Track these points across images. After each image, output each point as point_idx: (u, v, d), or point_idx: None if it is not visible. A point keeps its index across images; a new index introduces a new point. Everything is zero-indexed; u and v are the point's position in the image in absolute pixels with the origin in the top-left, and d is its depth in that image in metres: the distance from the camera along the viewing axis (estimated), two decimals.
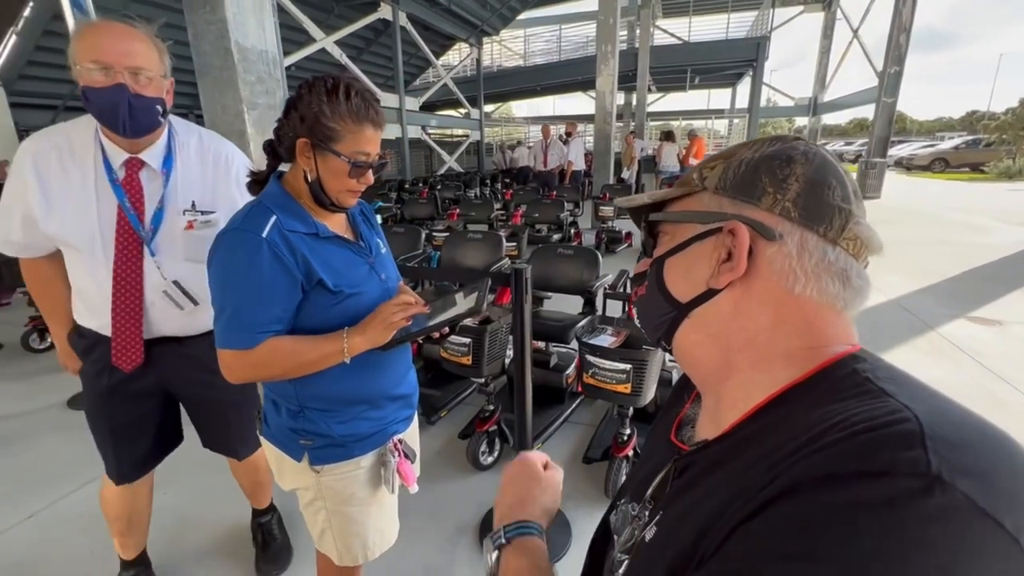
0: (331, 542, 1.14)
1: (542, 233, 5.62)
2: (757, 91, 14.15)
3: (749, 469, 0.37)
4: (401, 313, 1.00)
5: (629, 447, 1.99)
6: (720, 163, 0.47)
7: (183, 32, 2.53)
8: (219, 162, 1.35)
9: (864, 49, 13.55)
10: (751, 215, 0.43)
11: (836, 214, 0.42)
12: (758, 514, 0.33)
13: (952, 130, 44.37)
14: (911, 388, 0.36)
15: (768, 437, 0.39)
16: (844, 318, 0.43)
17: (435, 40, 13.02)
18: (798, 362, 0.42)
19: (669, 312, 0.49)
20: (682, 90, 19.65)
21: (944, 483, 0.27)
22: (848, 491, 0.29)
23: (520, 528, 0.57)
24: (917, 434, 0.30)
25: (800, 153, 0.44)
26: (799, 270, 0.42)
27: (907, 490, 0.28)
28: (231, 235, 0.92)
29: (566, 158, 8.92)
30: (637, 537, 0.48)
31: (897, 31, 10.46)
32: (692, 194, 0.49)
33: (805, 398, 0.40)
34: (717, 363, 0.46)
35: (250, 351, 0.92)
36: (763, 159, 0.44)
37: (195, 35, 2.50)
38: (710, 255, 0.45)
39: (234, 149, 1.41)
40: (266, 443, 1.12)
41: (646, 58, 13.65)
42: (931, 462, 0.28)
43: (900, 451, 0.29)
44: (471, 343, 1.92)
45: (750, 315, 0.44)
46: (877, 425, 0.32)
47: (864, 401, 0.35)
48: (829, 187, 0.42)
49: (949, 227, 7.61)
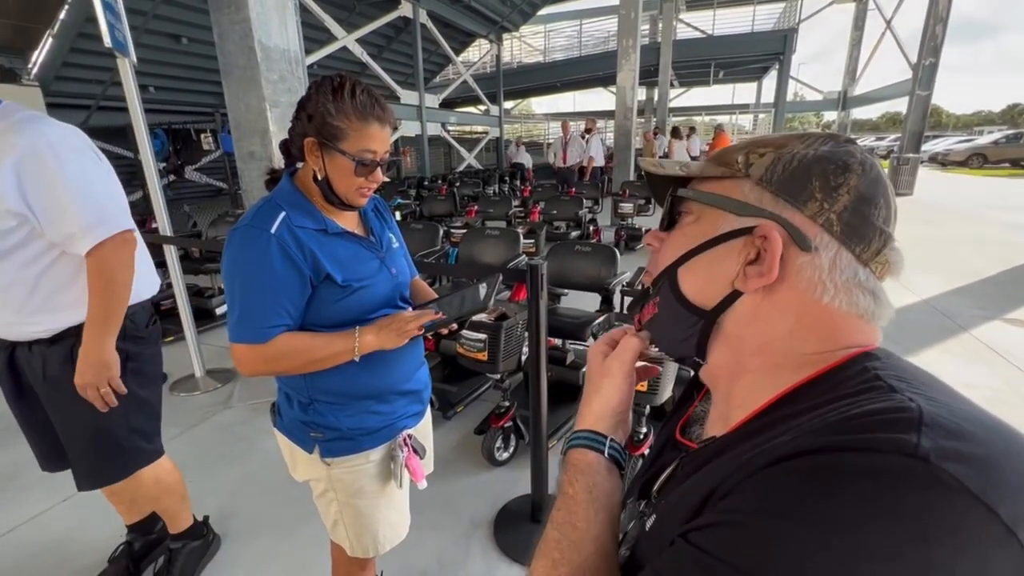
0: (343, 533, 1.16)
1: (560, 230, 5.59)
2: (784, 85, 13.82)
3: (747, 452, 0.37)
4: (415, 324, 1.02)
5: (645, 446, 1.98)
6: (771, 152, 0.43)
7: (209, 32, 2.60)
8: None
9: (897, 40, 13.07)
10: (791, 219, 0.40)
11: (876, 236, 0.40)
12: (748, 479, 0.33)
13: (992, 124, 42.57)
14: (922, 384, 0.35)
15: (767, 432, 0.38)
16: (871, 326, 0.41)
17: (455, 37, 13.05)
18: (809, 365, 0.40)
19: (696, 323, 0.45)
20: (706, 85, 19.29)
21: (930, 463, 0.27)
22: (830, 460, 0.30)
23: (574, 439, 0.52)
24: (913, 421, 0.30)
25: (857, 162, 0.41)
26: (828, 283, 0.40)
27: (890, 464, 0.28)
28: (242, 231, 0.94)
29: (586, 154, 8.85)
30: (638, 528, 0.48)
31: (933, 21, 10.06)
32: (732, 177, 0.44)
33: (812, 395, 0.38)
34: (727, 363, 0.45)
35: (263, 346, 0.94)
36: (818, 160, 0.41)
37: (220, 35, 2.56)
38: (737, 254, 0.42)
39: (31, 141, 1.13)
40: (279, 435, 1.15)
41: (668, 52, 13.45)
42: (920, 444, 0.28)
43: (890, 432, 0.29)
44: (487, 339, 1.92)
45: (769, 320, 0.42)
46: (874, 412, 0.32)
47: (870, 396, 0.34)
48: (876, 206, 0.40)
49: (986, 225, 7.31)
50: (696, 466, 0.44)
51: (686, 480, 0.44)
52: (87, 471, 1.38)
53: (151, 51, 8.16)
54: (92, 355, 1.24)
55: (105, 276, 1.22)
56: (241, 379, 3.11)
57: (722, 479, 0.36)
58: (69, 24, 7.29)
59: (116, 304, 1.26)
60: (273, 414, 1.16)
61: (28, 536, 1.90)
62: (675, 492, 0.44)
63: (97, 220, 1.19)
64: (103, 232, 1.20)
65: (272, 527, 1.90)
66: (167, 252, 2.91)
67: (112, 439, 1.37)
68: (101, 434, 1.35)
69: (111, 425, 1.34)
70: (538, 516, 1.83)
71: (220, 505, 2.00)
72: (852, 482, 0.28)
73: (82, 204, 1.17)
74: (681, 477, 0.45)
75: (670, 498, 0.44)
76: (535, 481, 1.79)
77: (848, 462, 0.29)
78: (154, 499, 1.56)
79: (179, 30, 8.37)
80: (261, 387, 2.98)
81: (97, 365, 1.24)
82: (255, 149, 2.68)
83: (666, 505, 0.44)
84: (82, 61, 7.83)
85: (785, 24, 15.19)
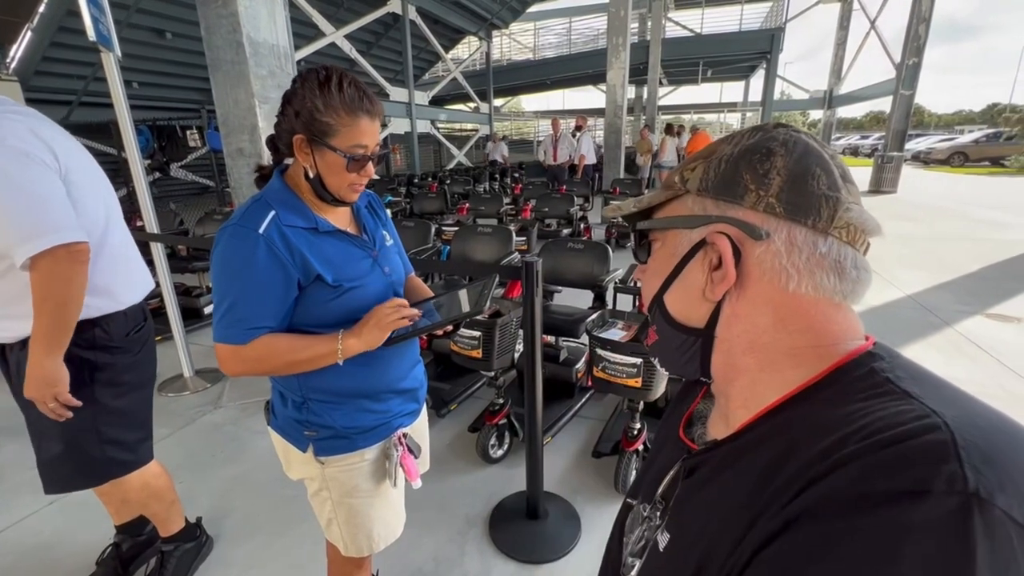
0: (337, 532, 1.15)
1: (551, 228, 5.60)
2: (771, 84, 13.94)
3: (764, 474, 0.36)
4: (395, 315, 0.99)
5: (639, 441, 1.99)
6: (700, 163, 0.45)
7: (195, 26, 2.55)
8: None
9: (882, 40, 13.25)
10: (736, 215, 0.42)
11: (823, 203, 0.40)
12: (780, 536, 0.31)
13: (972, 123, 43.40)
14: (935, 388, 0.35)
15: (780, 439, 0.38)
16: (845, 311, 0.42)
17: (444, 34, 12.98)
18: (806, 361, 0.41)
19: (694, 342, 0.46)
20: (694, 83, 19.39)
21: (982, 501, 0.27)
22: (884, 513, 0.28)
23: None
24: (949, 444, 0.29)
25: (779, 144, 0.41)
26: (790, 267, 0.40)
27: (947, 511, 0.27)
28: (230, 231, 0.92)
29: (577, 152, 8.86)
30: (650, 540, 0.48)
31: (916, 21, 10.22)
32: (676, 198, 0.47)
33: (819, 398, 0.39)
34: (721, 366, 0.46)
35: (244, 347, 0.93)
36: (742, 154, 0.42)
37: (207, 29, 2.52)
38: (702, 266, 0.44)
39: None
40: (273, 434, 1.13)
41: (657, 51, 13.49)
42: (967, 478, 0.27)
43: (934, 465, 0.28)
44: (481, 336, 1.92)
45: (749, 318, 0.43)
46: (905, 435, 0.30)
47: (886, 403, 0.34)
48: (813, 176, 0.40)
49: (968, 222, 7.45)
50: (702, 479, 0.44)
51: (694, 495, 0.44)
52: (50, 476, 1.33)
53: (134, 46, 8.01)
54: (35, 371, 1.16)
55: (43, 291, 1.12)
56: (231, 379, 3.07)
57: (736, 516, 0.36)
58: (49, 17, 7.13)
59: (58, 322, 1.16)
60: (267, 413, 1.15)
61: (14, 540, 1.86)
62: (687, 511, 0.44)
63: (33, 231, 1.09)
64: (40, 244, 1.09)
65: (265, 527, 1.88)
66: (154, 250, 2.86)
67: (79, 450, 1.31)
68: (67, 444, 1.29)
69: (77, 436, 1.29)
70: (534, 513, 1.83)
71: (213, 506, 1.98)
72: (913, 539, 0.27)
73: (17, 212, 1.08)
74: (691, 486, 0.45)
75: (682, 516, 0.44)
76: (530, 478, 1.80)
77: (903, 515, 0.27)
78: (141, 504, 1.53)
79: (163, 24, 8.22)
80: (251, 387, 2.95)
81: (39, 381, 1.17)
82: (244, 145, 2.65)
83: (679, 526, 0.44)
84: (63, 56, 7.66)
85: (772, 23, 15.32)
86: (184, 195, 10.26)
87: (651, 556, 0.46)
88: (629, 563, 0.50)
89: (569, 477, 2.13)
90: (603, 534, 1.79)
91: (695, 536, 0.40)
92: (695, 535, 0.40)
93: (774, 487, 0.34)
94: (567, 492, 2.03)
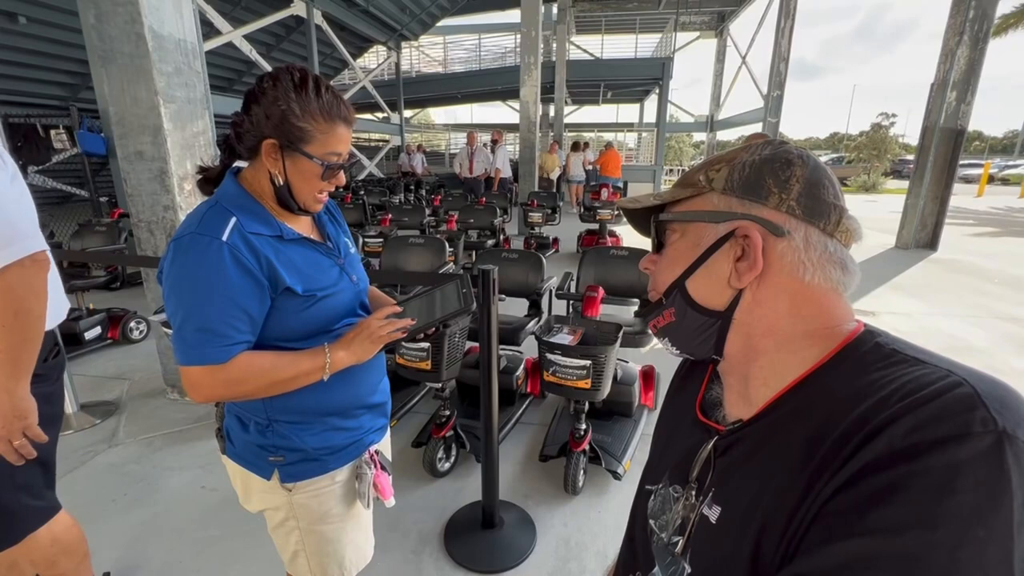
0: (304, 564, 1.07)
1: (474, 239, 5.62)
2: (663, 107, 15.25)
3: (809, 444, 0.41)
4: (389, 327, 0.97)
5: (585, 442, 2.06)
6: (724, 166, 0.51)
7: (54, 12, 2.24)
8: None
9: (751, 74, 15.17)
10: (760, 214, 0.48)
11: (832, 210, 0.47)
12: (845, 489, 0.36)
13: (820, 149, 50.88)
14: (930, 355, 0.42)
15: (812, 412, 0.43)
16: (844, 299, 0.49)
17: (352, 41, 12.56)
18: (819, 341, 0.47)
19: (713, 324, 0.51)
20: (595, 103, 20.67)
21: (1010, 436, 0.34)
22: (937, 455, 0.33)
23: None
24: (974, 396, 0.36)
25: (796, 156, 0.49)
26: (807, 261, 0.47)
27: (987, 446, 0.33)
28: (188, 240, 0.83)
29: (492, 165, 9.03)
30: (694, 517, 0.50)
31: (777, 59, 11.86)
32: (700, 195, 0.52)
33: (838, 372, 0.44)
34: (741, 348, 0.51)
35: (222, 366, 0.84)
36: (764, 161, 0.49)
37: (98, 17, 2.23)
38: (727, 257, 0.49)
39: None
40: (230, 463, 1.03)
41: (563, 71, 14.20)
42: (996, 419, 0.34)
43: (969, 413, 0.35)
44: (430, 348, 1.88)
45: (769, 304, 0.48)
46: (938, 392, 0.37)
47: (904, 369, 0.40)
48: (824, 187, 0.48)
49: None
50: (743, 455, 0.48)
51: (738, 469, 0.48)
52: None
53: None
54: (2, 403, 1.02)
55: (12, 307, 1.02)
56: (128, 411, 2.69)
57: (791, 483, 0.40)
58: None
59: (28, 339, 1.05)
60: (221, 440, 1.04)
61: None
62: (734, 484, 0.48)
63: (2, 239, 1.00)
64: (7, 255, 1.00)
65: (189, 575, 1.68)
66: None
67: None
68: None
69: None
70: (490, 522, 1.83)
71: (120, 557, 1.73)
72: (966, 473, 0.33)
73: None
74: (731, 462, 0.49)
75: (729, 488, 0.48)
76: (487, 487, 1.79)
77: (956, 454, 0.33)
78: (50, 562, 1.28)
79: (14, 7, 7.05)
80: (153, 419, 2.61)
81: (8, 414, 1.03)
82: (144, 148, 2.36)
83: (729, 498, 0.47)
84: None
85: (663, 52, 16.83)
86: (43, 204, 8.80)
87: (701, 529, 0.49)
88: (672, 541, 0.52)
89: (519, 483, 2.15)
90: (558, 535, 1.83)
91: (748, 506, 0.44)
92: (748, 505, 0.44)
93: (822, 454, 0.39)
94: (519, 498, 2.04)
